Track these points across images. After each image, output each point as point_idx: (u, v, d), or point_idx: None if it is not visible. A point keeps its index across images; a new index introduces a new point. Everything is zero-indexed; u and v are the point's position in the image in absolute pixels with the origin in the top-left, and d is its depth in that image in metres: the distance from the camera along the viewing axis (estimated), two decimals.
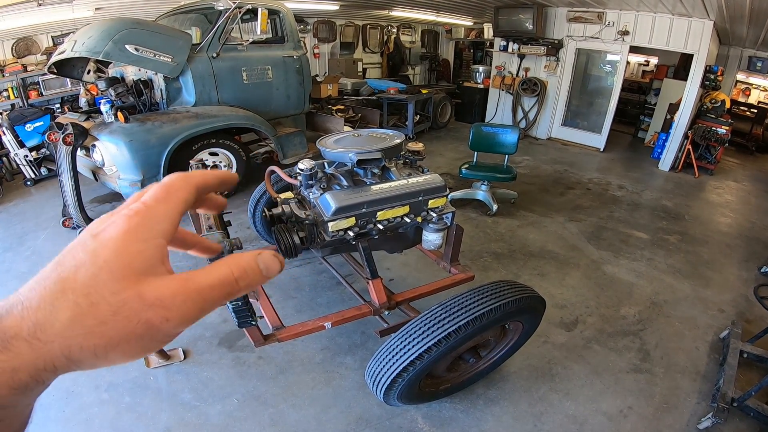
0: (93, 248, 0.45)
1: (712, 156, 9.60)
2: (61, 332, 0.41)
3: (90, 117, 6.39)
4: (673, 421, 3.30)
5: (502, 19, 11.14)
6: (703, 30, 8.58)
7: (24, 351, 0.40)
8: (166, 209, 0.50)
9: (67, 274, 0.43)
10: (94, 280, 0.43)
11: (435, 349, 2.56)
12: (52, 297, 0.42)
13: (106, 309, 0.42)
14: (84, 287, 0.43)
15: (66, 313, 0.42)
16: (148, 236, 0.47)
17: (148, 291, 0.44)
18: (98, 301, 0.42)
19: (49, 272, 0.44)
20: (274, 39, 7.26)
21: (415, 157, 3.37)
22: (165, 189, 0.52)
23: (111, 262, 0.44)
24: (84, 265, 0.44)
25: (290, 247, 2.85)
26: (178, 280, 0.46)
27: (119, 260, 0.44)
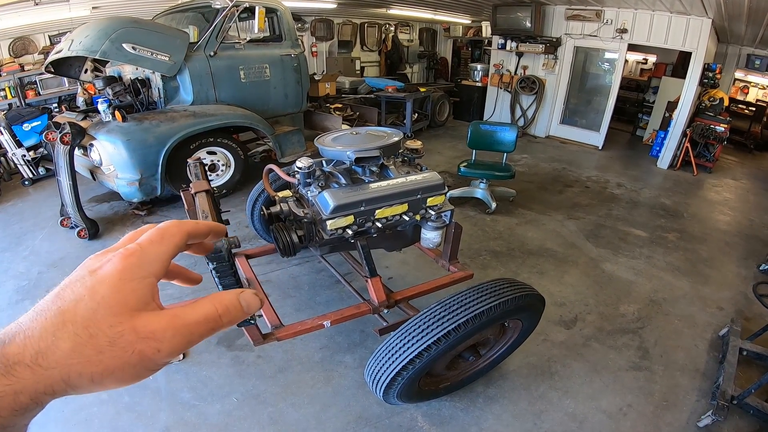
0: (91, 284, 0.50)
1: (711, 154, 9.61)
2: (61, 360, 0.45)
3: (87, 116, 6.38)
4: (672, 418, 3.30)
5: (500, 17, 11.14)
6: (701, 28, 8.57)
7: (26, 376, 0.44)
8: (158, 252, 0.56)
9: (67, 307, 0.48)
10: (93, 314, 0.48)
11: (434, 347, 2.55)
12: (53, 328, 0.46)
13: (104, 340, 0.47)
14: (83, 320, 0.47)
15: (67, 343, 0.46)
16: (141, 275, 0.53)
17: (141, 325, 0.50)
18: (96, 333, 0.47)
19: (50, 304, 0.48)
20: (271, 37, 7.25)
21: (414, 155, 3.37)
22: (160, 233, 0.58)
23: (108, 299, 0.49)
24: (83, 300, 0.48)
25: (288, 245, 2.84)
26: (168, 316, 0.52)
27: (116, 297, 0.49)
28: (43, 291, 4.53)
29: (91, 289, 0.49)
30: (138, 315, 0.50)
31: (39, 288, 4.59)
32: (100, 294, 0.49)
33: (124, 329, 0.48)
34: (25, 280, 4.74)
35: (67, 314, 0.47)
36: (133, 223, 6.02)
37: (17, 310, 4.24)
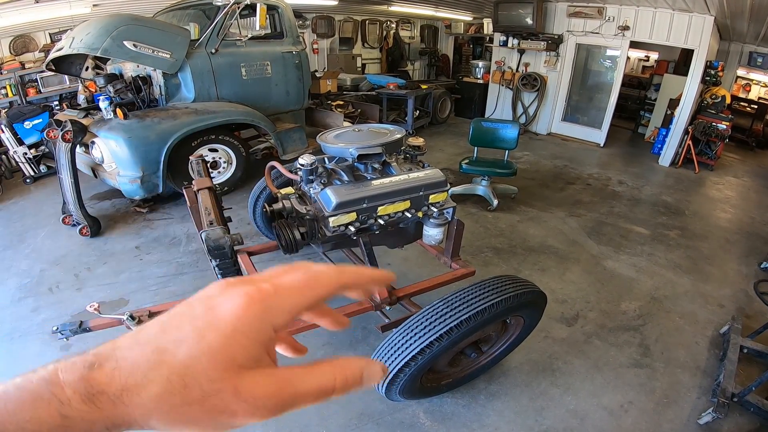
0: (202, 326, 0.45)
1: (713, 152, 9.59)
2: (145, 403, 0.41)
3: (89, 114, 6.37)
4: (673, 415, 3.30)
5: (501, 14, 11.11)
6: (703, 25, 8.56)
7: (106, 407, 0.41)
8: (293, 303, 0.49)
9: (167, 346, 0.43)
10: (193, 362, 0.43)
11: (436, 344, 2.55)
12: (147, 366, 0.42)
13: (198, 393, 0.42)
14: (182, 366, 0.42)
15: (156, 388, 0.41)
16: (261, 327, 0.46)
17: (244, 387, 0.44)
18: (192, 384, 0.42)
19: (152, 336, 0.44)
20: (273, 34, 7.23)
21: (416, 152, 3.36)
22: (308, 280, 0.51)
23: (215, 349, 0.43)
24: (187, 343, 0.43)
25: (291, 242, 2.84)
26: (278, 380, 0.46)
27: (225, 350, 0.44)
28: (45, 288, 4.56)
29: (200, 333, 0.44)
30: (244, 374, 0.44)
31: (41, 285, 4.60)
32: (207, 341, 0.44)
33: (224, 387, 0.43)
34: (28, 278, 4.74)
35: (167, 355, 0.43)
36: (135, 220, 6.03)
37: (20, 308, 4.27)
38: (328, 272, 0.52)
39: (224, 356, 0.43)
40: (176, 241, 5.50)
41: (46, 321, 4.02)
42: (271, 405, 0.45)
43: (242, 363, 0.44)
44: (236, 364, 0.44)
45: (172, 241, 5.50)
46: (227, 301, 0.46)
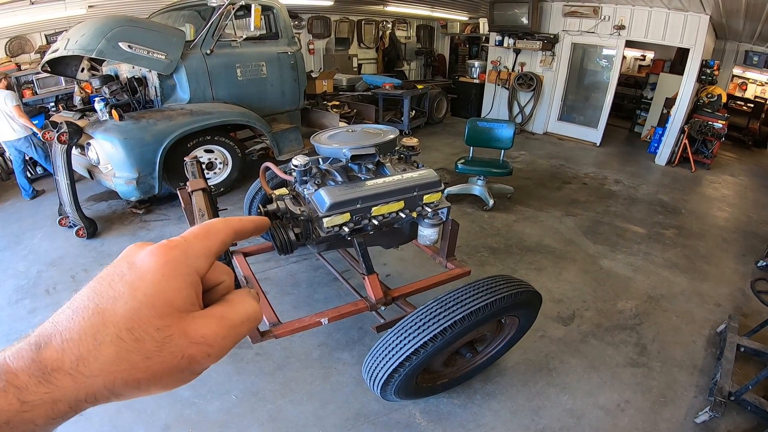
0: (131, 280, 0.46)
1: (709, 150, 9.61)
2: (105, 367, 0.42)
3: (85, 115, 6.38)
4: (670, 414, 3.30)
5: (497, 14, 11.13)
6: (699, 24, 8.58)
7: (66, 384, 0.41)
8: (203, 246, 0.52)
9: (106, 305, 0.44)
10: (136, 315, 0.44)
11: (431, 344, 2.55)
12: (93, 329, 0.43)
13: (151, 345, 0.44)
14: (126, 321, 0.43)
15: (110, 348, 0.42)
16: (185, 271, 0.49)
17: (191, 329, 0.46)
18: (143, 336, 0.43)
19: (87, 301, 0.45)
20: (268, 35, 7.23)
21: (410, 153, 3.36)
22: (206, 228, 0.54)
23: (152, 297, 0.45)
24: (123, 298, 0.44)
25: (285, 243, 2.83)
26: (216, 318, 0.49)
27: (160, 296, 0.45)
28: (42, 290, 4.55)
29: (132, 285, 0.45)
30: (186, 318, 0.47)
31: (38, 287, 4.60)
32: (141, 291, 0.45)
33: (174, 333, 0.45)
34: (25, 279, 4.74)
35: (107, 314, 0.43)
36: (131, 221, 6.02)
37: (17, 309, 4.26)
38: (219, 220, 0.57)
39: (162, 302, 0.45)
40: None
41: (43, 322, 3.99)
42: (221, 341, 0.48)
43: (180, 306, 0.47)
44: (175, 308, 0.46)
45: None
46: (148, 255, 0.48)
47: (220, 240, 0.55)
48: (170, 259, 0.48)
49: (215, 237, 0.54)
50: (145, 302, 0.44)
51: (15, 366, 0.41)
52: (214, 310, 0.51)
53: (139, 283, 0.45)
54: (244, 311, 0.53)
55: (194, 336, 0.46)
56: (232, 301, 0.53)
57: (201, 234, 0.53)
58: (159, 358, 0.44)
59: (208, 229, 0.55)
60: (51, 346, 0.42)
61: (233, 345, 0.50)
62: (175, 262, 0.48)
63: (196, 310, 0.49)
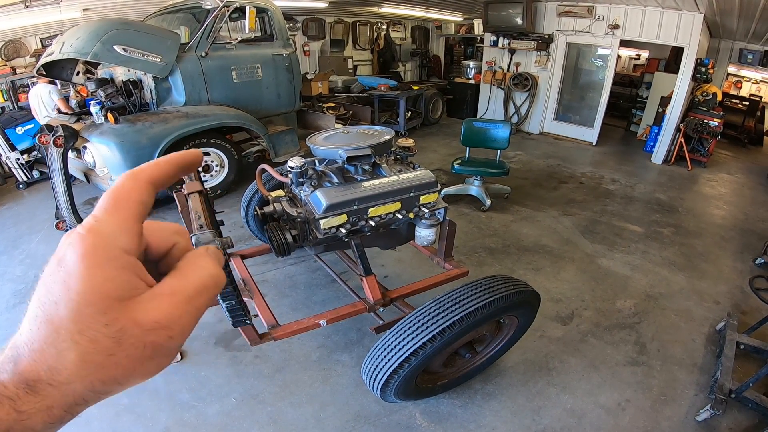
0: (63, 279, 0.42)
1: (705, 149, 9.62)
2: (76, 373, 0.41)
3: (80, 119, 6.35)
4: (671, 413, 3.30)
5: (491, 14, 11.14)
6: (693, 23, 8.60)
7: (52, 393, 0.40)
8: (118, 220, 0.46)
9: (50, 310, 0.41)
10: (79, 316, 0.41)
11: (430, 345, 2.55)
12: (50, 339, 0.41)
13: (108, 342, 0.41)
14: (73, 324, 0.41)
15: (72, 354, 0.40)
16: (108, 256, 0.44)
17: (140, 316, 0.43)
18: (96, 336, 0.41)
19: (36, 310, 0.42)
20: (263, 37, 7.24)
21: (406, 153, 3.36)
22: (113, 196, 0.48)
23: (86, 294, 0.41)
24: (62, 301, 0.41)
25: (283, 245, 2.82)
26: (166, 296, 0.46)
27: (93, 291, 0.42)
28: None
29: (64, 284, 0.41)
30: (130, 305, 0.43)
31: None
32: (74, 290, 0.41)
33: (124, 325, 0.42)
34: (22, 284, 4.72)
35: (55, 320, 0.41)
36: None
37: (15, 314, 4.25)
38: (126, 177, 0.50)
39: (97, 297, 0.42)
40: None
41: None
42: (177, 319, 0.45)
43: (118, 295, 0.43)
44: (113, 299, 0.42)
45: None
46: (68, 249, 0.43)
47: (135, 201, 0.48)
48: (87, 247, 0.43)
49: (127, 202, 0.48)
50: (82, 301, 0.41)
51: (2, 379, 0.40)
52: (163, 286, 0.47)
53: (70, 282, 0.41)
54: (198, 279, 0.49)
55: (146, 322, 0.43)
56: (183, 270, 0.49)
57: (110, 206, 0.47)
58: (122, 352, 0.42)
59: (116, 196, 0.48)
60: (23, 359, 0.41)
61: (196, 319, 0.47)
62: (93, 250, 0.43)
63: (142, 292, 0.45)
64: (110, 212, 0.46)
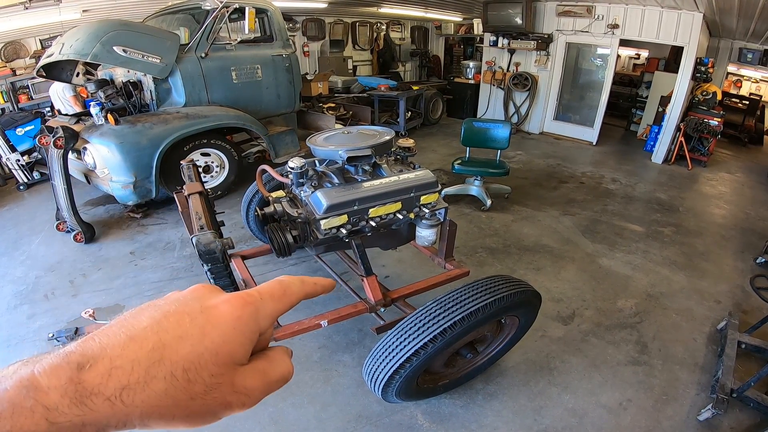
0: (202, 324, 0.48)
1: (705, 148, 9.62)
2: (149, 400, 0.42)
3: (80, 120, 6.34)
4: (673, 412, 3.29)
5: (491, 14, 11.13)
6: (692, 22, 8.60)
7: (102, 409, 0.41)
8: (274, 308, 0.55)
9: (170, 342, 0.45)
10: (198, 359, 0.46)
11: (431, 345, 2.54)
12: (148, 362, 0.43)
13: (200, 388, 0.45)
14: (185, 362, 0.45)
15: (161, 384, 0.43)
16: (253, 329, 0.51)
17: (238, 381, 0.49)
18: (195, 379, 0.45)
19: (149, 333, 0.45)
20: (262, 38, 7.23)
21: (406, 153, 3.36)
22: (283, 289, 0.58)
23: (219, 346, 0.47)
24: (190, 339, 0.46)
25: (283, 246, 2.82)
26: (259, 373, 0.52)
27: (225, 347, 0.48)
28: (41, 295, 4.53)
29: (202, 329, 0.48)
30: (238, 368, 0.49)
31: (37, 292, 4.58)
32: (210, 339, 0.47)
33: (223, 381, 0.47)
34: (23, 285, 4.72)
35: (168, 351, 0.44)
36: (129, 225, 6.00)
37: (16, 315, 4.24)
38: (295, 282, 0.60)
39: (225, 352, 0.48)
40: (170, 246, 5.47)
41: (42, 328, 4.00)
42: (258, 394, 0.51)
43: (238, 359, 0.49)
44: (233, 360, 0.48)
45: (166, 246, 5.48)
46: (224, 304, 0.51)
47: (291, 303, 0.58)
48: (244, 314, 0.51)
49: (288, 300, 0.58)
50: (211, 349, 0.47)
51: (47, 383, 0.40)
52: (259, 364, 0.53)
53: (210, 330, 0.48)
54: (281, 371, 0.55)
55: (239, 386, 0.49)
56: (273, 359, 0.55)
57: (277, 294, 0.56)
58: (202, 400, 0.45)
59: (284, 290, 0.58)
60: (96, 369, 0.41)
61: (264, 397, 0.53)
62: (247, 319, 0.51)
63: (247, 363, 0.51)
64: (274, 299, 0.56)
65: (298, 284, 0.60)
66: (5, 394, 0.39)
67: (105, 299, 4.47)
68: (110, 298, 4.49)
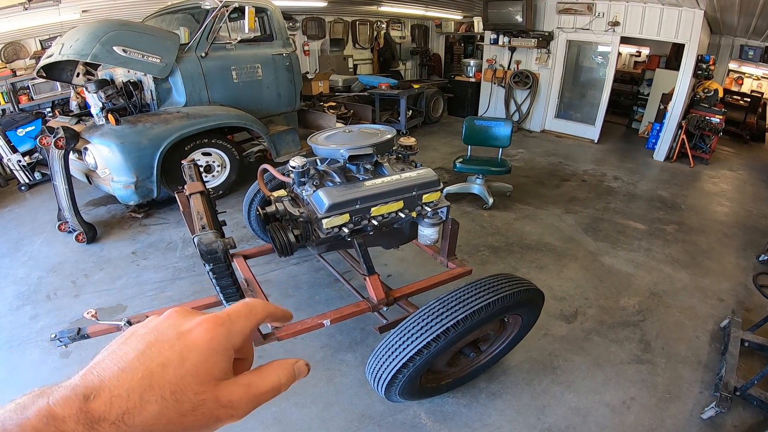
0: (180, 350, 0.54)
1: (707, 145, 9.60)
2: (147, 421, 0.48)
3: (81, 120, 6.34)
4: (676, 411, 3.29)
5: (491, 12, 11.11)
6: (693, 19, 8.57)
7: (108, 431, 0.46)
8: (243, 326, 0.61)
9: (155, 370, 0.51)
10: (181, 381, 0.51)
11: (434, 344, 2.53)
12: (141, 389, 0.49)
13: (188, 406, 0.51)
14: (171, 386, 0.51)
15: (154, 406, 0.49)
16: (226, 346, 0.57)
17: (223, 395, 0.54)
18: (183, 399, 0.51)
19: (137, 363, 0.52)
20: (262, 37, 7.22)
21: (408, 152, 3.35)
22: (248, 308, 0.63)
23: (198, 368, 0.53)
24: (172, 365, 0.52)
25: (285, 245, 2.82)
26: (243, 386, 0.57)
27: (204, 367, 0.54)
28: (43, 296, 4.53)
29: (180, 355, 0.53)
30: (220, 384, 0.55)
31: (39, 293, 4.58)
32: (189, 362, 0.53)
33: (208, 397, 0.53)
34: (25, 286, 4.72)
35: (155, 377, 0.50)
36: (131, 226, 5.99)
37: (18, 316, 4.24)
38: (259, 303, 0.65)
39: (204, 372, 0.54)
40: (172, 246, 5.47)
41: (45, 328, 4.01)
42: (244, 405, 0.56)
43: (217, 376, 0.55)
44: (213, 377, 0.54)
45: (168, 246, 5.47)
46: (198, 327, 0.57)
47: (256, 321, 0.64)
48: (216, 335, 0.56)
49: (254, 318, 0.63)
50: (191, 371, 0.52)
51: (62, 413, 0.46)
52: (244, 378, 0.58)
53: (188, 355, 0.53)
54: (271, 382, 0.60)
55: (223, 401, 0.54)
56: (263, 372, 0.61)
57: (243, 313, 0.62)
58: (192, 416, 0.51)
59: (250, 309, 0.63)
60: (100, 398, 0.47)
61: (253, 409, 0.58)
62: (220, 339, 0.56)
63: (229, 378, 0.57)
64: (241, 318, 0.61)
65: (262, 305, 0.65)
66: (28, 422, 0.44)
67: (107, 300, 4.47)
68: (112, 299, 4.48)
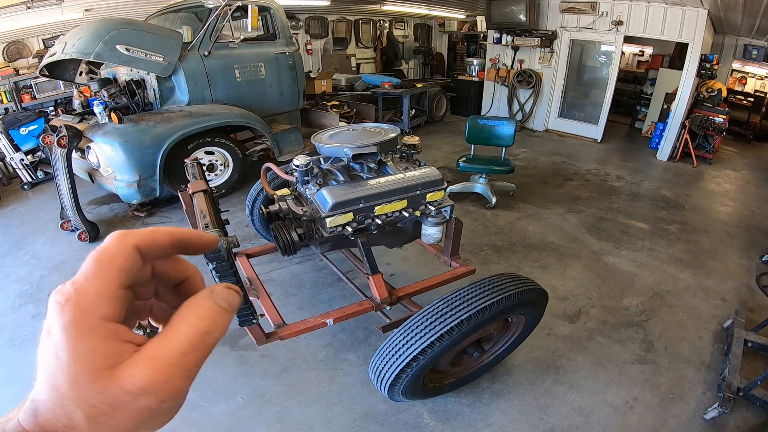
0: (53, 350, 0.42)
1: (710, 145, 9.58)
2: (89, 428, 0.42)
3: (84, 119, 6.34)
4: (679, 411, 3.28)
5: (494, 11, 11.11)
6: (697, 19, 8.55)
7: None
8: (98, 288, 0.45)
9: (52, 378, 0.43)
10: (75, 387, 0.42)
11: (437, 343, 2.53)
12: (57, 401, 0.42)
13: (105, 408, 0.42)
14: (72, 391, 0.42)
15: (79, 416, 0.42)
16: (89, 327, 0.43)
17: (127, 384, 0.42)
18: (94, 403, 0.42)
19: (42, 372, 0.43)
20: (265, 36, 7.22)
21: (412, 151, 3.34)
22: (95, 260, 0.46)
23: (75, 366, 0.42)
24: (57, 372, 0.42)
25: (288, 244, 2.81)
26: (148, 361, 0.44)
27: (81, 363, 0.42)
28: (45, 295, 4.49)
29: (55, 356, 0.42)
30: (117, 373, 0.43)
31: (41, 292, 4.58)
32: (64, 362, 0.42)
33: (114, 392, 0.42)
34: (27, 285, 4.72)
35: (57, 389, 0.42)
36: (133, 224, 6.00)
37: (20, 315, 4.25)
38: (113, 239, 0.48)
39: (85, 368, 0.42)
40: None
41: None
42: (163, 383, 0.43)
43: (104, 364, 0.43)
44: (103, 368, 0.42)
45: None
46: (51, 319, 0.43)
47: (117, 268, 0.46)
48: (68, 321, 0.42)
49: (110, 267, 0.46)
50: (72, 371, 0.42)
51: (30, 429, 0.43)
52: (146, 349, 0.45)
53: (60, 354, 0.42)
54: (184, 339, 0.46)
55: (132, 390, 0.42)
56: (171, 328, 0.47)
57: (91, 272, 0.45)
58: (120, 416, 0.42)
59: (98, 260, 0.46)
60: (41, 413, 0.42)
61: (188, 379, 0.45)
62: (74, 321, 0.43)
63: (128, 356, 0.44)
64: (90, 279, 0.45)
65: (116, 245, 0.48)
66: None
67: None
68: None
